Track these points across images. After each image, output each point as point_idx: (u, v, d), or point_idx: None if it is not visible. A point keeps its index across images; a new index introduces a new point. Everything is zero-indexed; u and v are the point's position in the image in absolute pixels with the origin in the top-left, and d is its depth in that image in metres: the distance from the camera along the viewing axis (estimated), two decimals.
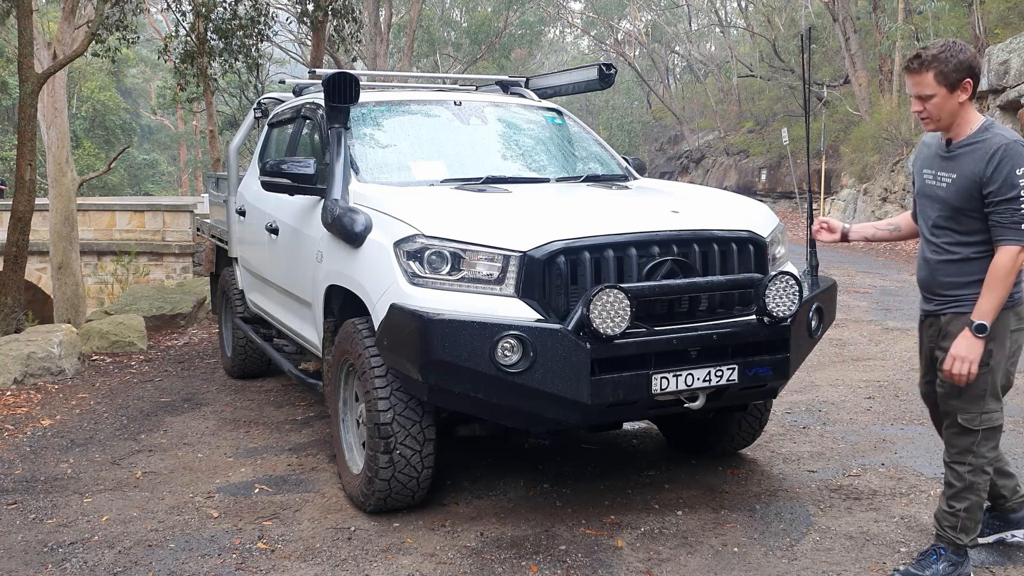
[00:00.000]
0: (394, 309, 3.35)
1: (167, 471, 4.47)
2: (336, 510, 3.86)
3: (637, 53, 41.39)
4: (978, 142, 2.85)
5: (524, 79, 5.77)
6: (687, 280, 3.41)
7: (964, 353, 2.83)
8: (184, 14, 12.99)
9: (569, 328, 3.17)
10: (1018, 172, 2.75)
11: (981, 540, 3.24)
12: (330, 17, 13.14)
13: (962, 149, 2.88)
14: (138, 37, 13.23)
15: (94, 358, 7.51)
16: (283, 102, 5.81)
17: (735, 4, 37.34)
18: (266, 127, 5.94)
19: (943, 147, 2.96)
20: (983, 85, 14.34)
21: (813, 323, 3.70)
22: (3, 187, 25.16)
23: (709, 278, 3.46)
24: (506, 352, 3.16)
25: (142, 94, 50.91)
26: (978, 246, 2.88)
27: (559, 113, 5.28)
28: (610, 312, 3.14)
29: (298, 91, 5.56)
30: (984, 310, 2.82)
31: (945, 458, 3.06)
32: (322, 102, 4.49)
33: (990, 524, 3.29)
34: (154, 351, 7.95)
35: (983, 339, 2.83)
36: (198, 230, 8.39)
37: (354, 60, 24.33)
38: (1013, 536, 3.29)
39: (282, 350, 5.48)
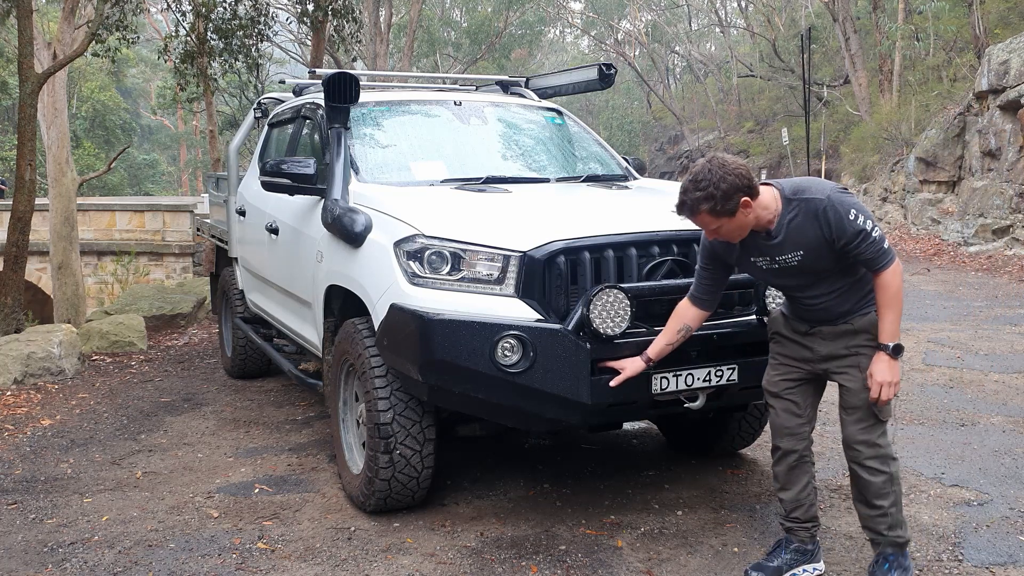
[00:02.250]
0: (394, 309, 3.35)
1: (167, 471, 4.47)
2: (336, 510, 3.86)
3: (637, 53, 41.39)
4: (797, 214, 2.78)
5: (524, 79, 5.77)
6: (687, 280, 3.40)
7: (889, 377, 2.81)
8: (184, 14, 13.00)
9: (569, 328, 3.17)
10: (851, 217, 2.72)
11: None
12: (330, 17, 13.14)
13: (787, 229, 2.80)
14: (138, 37, 13.23)
15: (94, 358, 7.51)
16: (283, 102, 5.81)
17: (735, 4, 37.37)
18: (266, 127, 5.94)
19: (762, 238, 2.86)
20: (983, 85, 14.35)
21: None
22: (3, 187, 25.16)
23: None
24: (506, 352, 3.16)
25: (142, 94, 50.92)
26: (854, 272, 2.86)
27: (559, 113, 5.28)
28: (610, 312, 3.14)
29: (298, 91, 5.56)
30: (892, 331, 2.80)
31: (855, 460, 2.96)
32: (322, 102, 4.49)
33: (789, 561, 3.11)
34: (154, 351, 7.95)
35: (897, 356, 2.81)
36: (198, 230, 8.39)
37: (354, 60, 24.33)
38: (805, 571, 3.13)
39: (282, 350, 5.48)
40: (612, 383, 3.18)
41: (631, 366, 3.19)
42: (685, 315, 3.16)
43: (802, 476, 3.09)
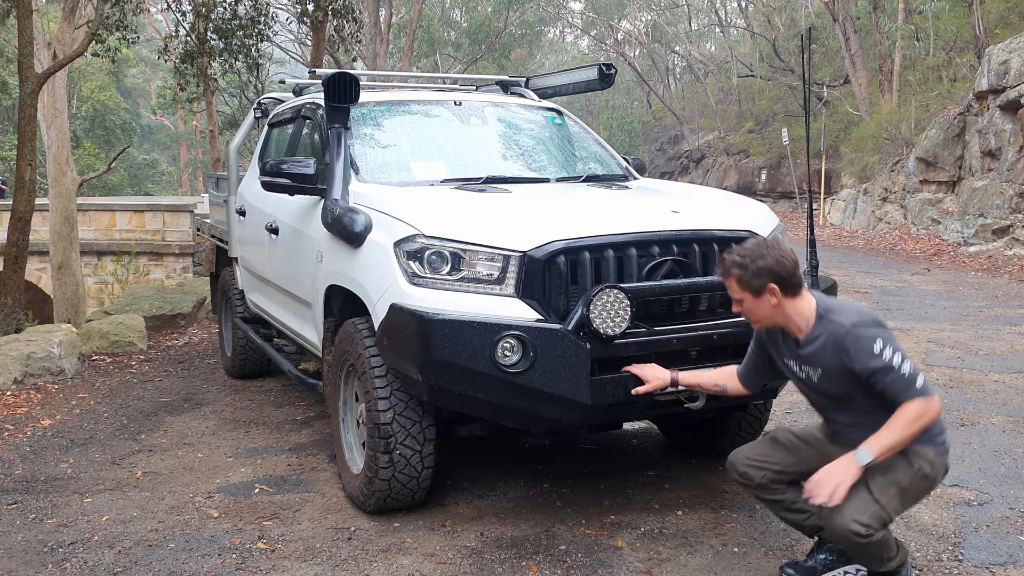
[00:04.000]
0: (394, 309, 3.35)
1: (167, 471, 4.47)
2: (336, 510, 3.86)
3: (637, 53, 41.38)
4: (822, 334, 2.75)
5: (524, 79, 5.77)
6: (687, 280, 3.41)
7: (840, 477, 2.64)
8: (184, 14, 13.00)
9: (569, 328, 3.17)
10: (875, 350, 2.64)
11: None
12: (330, 17, 13.14)
13: (813, 345, 2.78)
14: (138, 37, 13.24)
15: (94, 358, 7.51)
16: (283, 102, 5.82)
17: (735, 4, 37.34)
18: (266, 127, 5.94)
19: (792, 343, 2.86)
20: (983, 85, 14.35)
21: None
22: (3, 187, 25.17)
23: (709, 278, 3.46)
24: (506, 352, 3.16)
25: (142, 94, 50.90)
26: (886, 410, 2.68)
27: (559, 113, 5.28)
28: (610, 312, 3.14)
29: (298, 91, 5.56)
30: (878, 445, 2.63)
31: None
32: (322, 102, 4.49)
33: (825, 561, 3.08)
34: (154, 351, 7.95)
35: (862, 470, 2.65)
36: (198, 230, 8.39)
37: (354, 60, 24.31)
38: (847, 572, 3.07)
39: (282, 350, 5.48)
40: (635, 390, 3.20)
41: (656, 381, 3.19)
42: (729, 379, 3.18)
43: (784, 493, 3.01)
